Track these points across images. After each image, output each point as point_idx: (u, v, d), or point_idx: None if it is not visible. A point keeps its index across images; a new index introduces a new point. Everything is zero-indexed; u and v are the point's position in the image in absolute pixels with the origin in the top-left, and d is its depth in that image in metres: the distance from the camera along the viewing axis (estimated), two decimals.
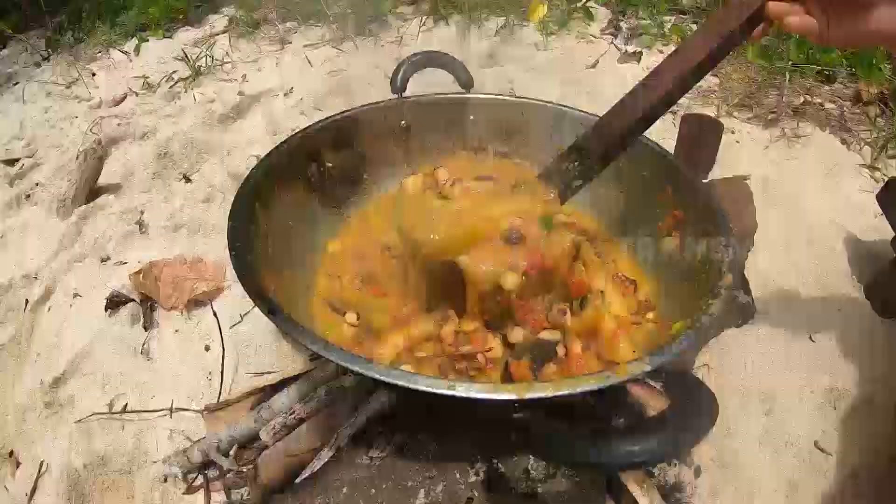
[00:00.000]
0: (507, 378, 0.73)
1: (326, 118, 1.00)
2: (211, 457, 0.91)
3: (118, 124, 2.13)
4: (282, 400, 0.92)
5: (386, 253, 0.91)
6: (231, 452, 0.90)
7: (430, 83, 1.34)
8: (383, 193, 1.03)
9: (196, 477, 0.95)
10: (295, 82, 2.19)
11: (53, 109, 2.48)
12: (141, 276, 1.36)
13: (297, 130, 0.99)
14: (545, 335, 0.80)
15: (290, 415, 0.88)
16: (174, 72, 2.38)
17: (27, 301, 1.49)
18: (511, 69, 2.13)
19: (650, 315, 0.90)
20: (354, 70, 2.18)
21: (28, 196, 1.94)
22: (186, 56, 2.38)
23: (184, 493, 0.96)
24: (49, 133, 2.30)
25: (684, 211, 0.92)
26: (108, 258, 1.53)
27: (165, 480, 0.98)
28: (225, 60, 2.41)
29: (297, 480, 0.78)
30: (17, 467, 1.15)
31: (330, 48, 2.37)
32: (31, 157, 2.16)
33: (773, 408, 1.15)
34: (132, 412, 1.15)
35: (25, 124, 2.42)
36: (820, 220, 1.51)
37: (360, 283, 0.87)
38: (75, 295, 1.45)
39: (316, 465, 0.78)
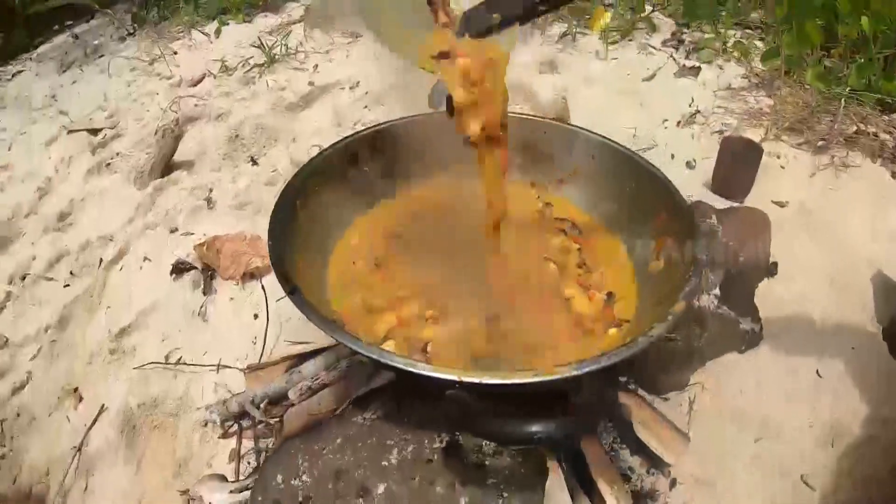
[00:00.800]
0: None
1: (369, 127, 1.17)
2: (246, 409, 1.11)
3: (195, 104, 2.39)
4: (310, 367, 1.11)
5: (398, 241, 1.09)
6: (262, 406, 1.09)
7: None
8: (406, 192, 1.20)
9: (231, 425, 1.16)
10: (361, 76, 2.37)
11: (136, 84, 2.76)
12: (205, 247, 1.58)
13: (343, 137, 1.16)
14: None
15: (316, 380, 1.07)
16: (250, 57, 2.61)
17: (101, 260, 1.75)
18: (567, 77, 2.22)
19: (612, 331, 0.97)
20: (416, 68, 2.34)
21: (108, 164, 2.21)
22: (262, 44, 2.60)
23: (219, 437, 1.17)
24: (131, 107, 2.58)
25: (672, 237, 1.03)
26: (177, 229, 1.77)
27: (205, 425, 1.20)
28: (298, 49, 2.62)
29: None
30: (80, 402, 1.39)
31: None
32: (113, 129, 2.43)
33: (764, 435, 1.20)
34: (185, 364, 1.37)
35: (109, 96, 2.72)
36: (854, 254, 1.53)
37: (370, 267, 1.04)
38: (145, 258, 1.69)
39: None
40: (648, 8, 2.52)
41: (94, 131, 2.48)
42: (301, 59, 2.59)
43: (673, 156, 1.80)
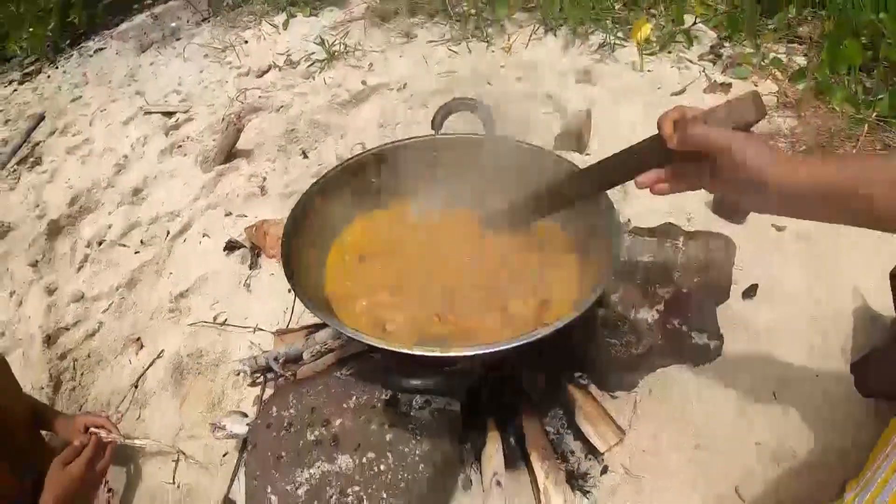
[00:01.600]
0: None
1: (379, 146, 1.46)
2: (270, 363, 1.44)
3: (259, 96, 2.76)
4: (322, 335, 1.43)
5: (382, 243, 1.36)
6: (281, 362, 1.43)
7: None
8: (401, 203, 1.44)
9: (258, 376, 1.50)
10: (410, 78, 2.66)
11: (208, 70, 3.16)
12: (254, 229, 1.92)
13: (356, 154, 1.45)
14: None
15: (324, 346, 1.40)
16: (312, 53, 2.96)
17: (168, 232, 2.14)
18: (600, 88, 2.38)
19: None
20: (461, 73, 2.63)
21: (179, 146, 2.60)
22: (324, 41, 2.93)
23: (248, 385, 1.52)
24: (202, 93, 2.97)
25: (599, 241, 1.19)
26: (231, 213, 2.12)
27: (238, 374, 1.54)
28: (357, 47, 2.94)
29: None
30: (140, 349, 1.76)
31: (447, 48, 2.81)
32: (185, 113, 2.82)
33: (704, 445, 1.29)
34: (228, 325, 1.73)
35: (183, 81, 3.13)
36: (843, 285, 1.57)
37: (356, 261, 1.33)
38: (204, 235, 2.07)
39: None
40: (690, 20, 2.61)
41: (168, 114, 2.89)
42: (358, 57, 2.91)
43: None
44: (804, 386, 1.36)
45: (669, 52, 2.52)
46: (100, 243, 2.22)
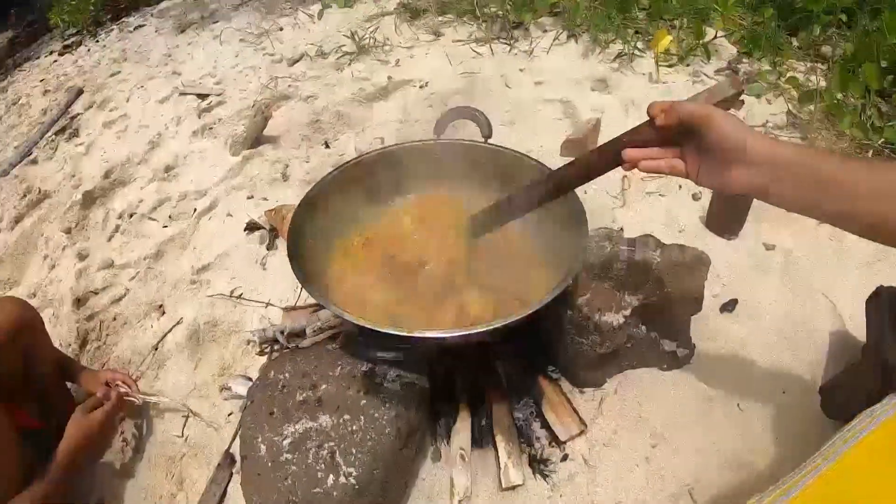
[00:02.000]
0: None
1: (383, 147, 1.66)
2: (276, 336, 1.64)
3: (289, 85, 2.96)
4: (325, 313, 1.63)
5: (386, 231, 1.57)
6: (286, 335, 1.62)
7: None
8: (402, 198, 1.65)
9: (266, 346, 1.70)
10: (433, 76, 2.83)
11: (243, 56, 3.35)
12: (273, 212, 2.11)
13: (367, 152, 1.64)
14: None
15: (326, 323, 1.59)
16: (343, 45, 3.15)
17: (195, 209, 2.34)
18: (613, 98, 2.51)
19: None
20: (483, 74, 2.78)
21: (210, 128, 2.80)
22: (354, 35, 3.12)
23: (256, 354, 1.72)
24: (236, 77, 3.17)
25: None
26: (253, 196, 2.32)
27: (248, 344, 1.75)
28: (385, 42, 3.13)
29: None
30: (162, 315, 1.97)
31: (471, 48, 2.97)
32: (218, 96, 3.03)
33: (663, 445, 1.40)
34: (243, 299, 1.93)
35: (219, 64, 3.33)
36: (821, 307, 1.65)
37: (361, 245, 1.52)
38: (228, 214, 2.27)
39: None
40: (711, 33, 2.69)
41: (202, 96, 3.10)
42: (386, 52, 3.09)
43: (680, 186, 2.07)
44: (770, 400, 1.45)
45: (687, 65, 2.62)
46: (131, 215, 2.43)
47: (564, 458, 1.41)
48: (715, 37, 2.70)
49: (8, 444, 1.32)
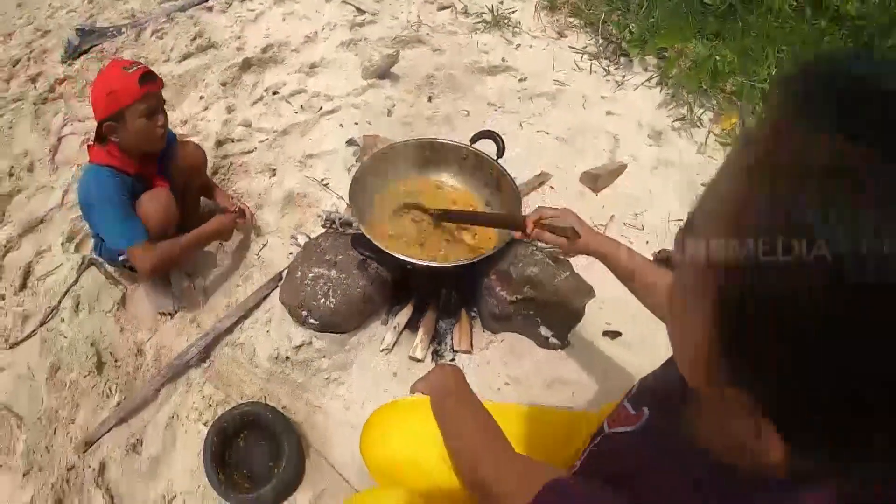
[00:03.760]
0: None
1: (422, 138, 2.73)
2: (335, 219, 2.81)
3: (427, 33, 3.90)
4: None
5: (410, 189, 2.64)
6: (340, 221, 2.79)
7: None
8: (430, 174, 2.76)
9: (328, 223, 2.85)
10: (534, 73, 3.68)
11: None
12: (369, 138, 3.21)
13: (421, 138, 2.80)
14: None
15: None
16: (483, 13, 4.05)
17: (321, 108, 3.41)
18: (657, 151, 3.16)
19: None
20: (571, 88, 3.61)
21: (356, 44, 3.79)
22: (492, 9, 4.04)
23: (320, 225, 2.89)
24: (392, 3, 4.07)
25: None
26: (360, 120, 3.39)
27: (318, 216, 2.88)
28: (517, 24, 4.01)
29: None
30: (272, 176, 3.15)
31: (575, 61, 3.78)
32: (373, 16, 3.97)
33: (512, 385, 2.23)
34: (328, 188, 3.05)
35: None
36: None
37: (395, 192, 2.60)
38: (340, 125, 3.33)
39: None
40: None
41: (360, 10, 3.99)
42: (514, 34, 3.91)
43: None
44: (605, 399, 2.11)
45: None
46: (274, 93, 3.47)
47: (452, 360, 2.36)
48: None
49: (175, 211, 2.46)
